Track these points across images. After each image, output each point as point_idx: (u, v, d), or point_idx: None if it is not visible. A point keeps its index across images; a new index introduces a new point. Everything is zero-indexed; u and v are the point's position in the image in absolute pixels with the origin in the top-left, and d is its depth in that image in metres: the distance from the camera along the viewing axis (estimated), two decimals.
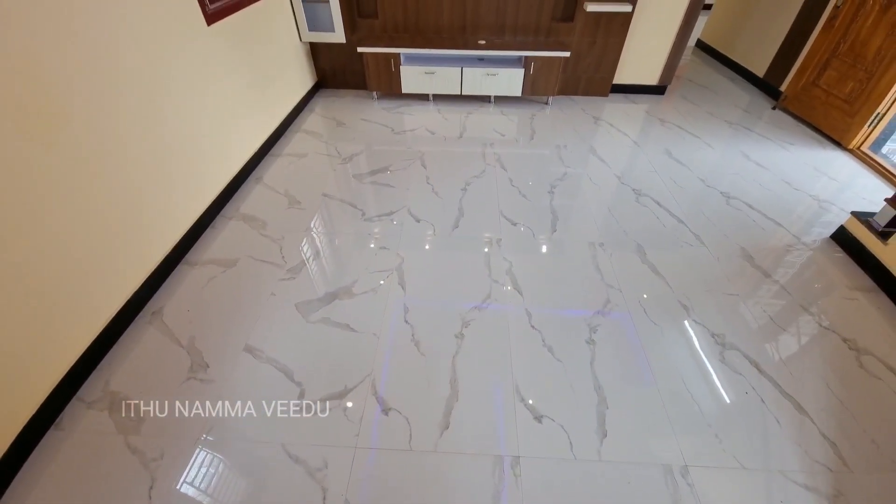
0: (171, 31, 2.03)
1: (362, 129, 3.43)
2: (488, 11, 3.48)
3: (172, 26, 2.04)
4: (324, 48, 3.75)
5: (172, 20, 2.03)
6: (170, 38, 2.02)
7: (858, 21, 3.05)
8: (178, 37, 2.08)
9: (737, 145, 3.25)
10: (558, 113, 3.71)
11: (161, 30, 1.96)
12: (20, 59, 1.34)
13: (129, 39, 1.78)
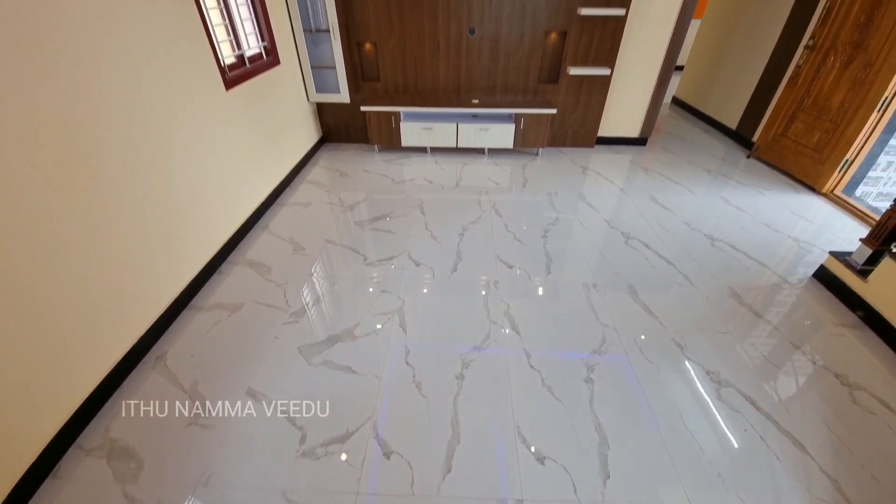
0: (194, 96, 2.24)
1: (364, 179, 3.63)
2: (480, 75, 3.82)
3: (195, 92, 2.25)
4: (329, 107, 4.06)
5: (196, 87, 2.25)
6: (192, 102, 2.23)
7: (820, 78, 3.38)
8: (199, 101, 2.29)
9: (717, 191, 3.45)
10: (548, 163, 3.95)
11: (185, 95, 2.17)
12: (56, 119, 1.49)
13: (156, 102, 1.97)
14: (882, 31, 2.88)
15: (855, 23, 3.07)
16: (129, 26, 1.80)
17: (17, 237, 1.36)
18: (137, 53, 1.84)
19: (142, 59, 1.86)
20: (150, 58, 1.91)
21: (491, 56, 3.71)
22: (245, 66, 2.77)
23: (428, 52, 3.71)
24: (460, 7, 3.45)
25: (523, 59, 3.70)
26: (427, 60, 3.75)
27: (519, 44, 3.63)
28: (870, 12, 2.96)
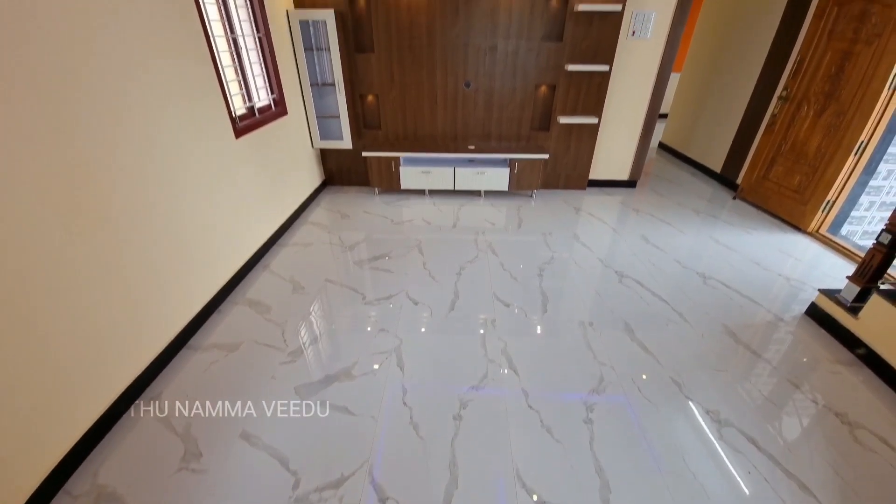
0: (206, 145, 2.38)
1: (364, 220, 3.74)
2: (476, 124, 4.06)
3: (207, 141, 2.39)
4: (332, 152, 4.26)
5: (208, 136, 2.40)
6: (204, 150, 2.36)
7: (796, 125, 3.59)
8: (210, 149, 2.42)
9: (706, 231, 3.56)
10: (542, 204, 4.09)
11: (197, 143, 2.30)
12: (75, 165, 1.59)
13: (170, 150, 2.09)
14: (853, 82, 3.10)
15: (826, 75, 3.30)
16: (152, 80, 1.95)
17: (30, 276, 1.41)
18: (156, 104, 1.98)
19: (160, 110, 2.01)
20: (167, 109, 2.05)
21: (486, 107, 3.96)
22: (255, 117, 2.95)
23: (426, 104, 3.96)
24: (457, 64, 3.74)
25: (516, 109, 3.95)
26: (426, 111, 4.00)
27: (511, 96, 3.88)
28: (840, 64, 3.19)
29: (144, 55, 1.89)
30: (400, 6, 3.50)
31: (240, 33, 2.76)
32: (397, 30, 3.60)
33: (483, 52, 3.68)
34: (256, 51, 3.02)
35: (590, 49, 3.62)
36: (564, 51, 3.62)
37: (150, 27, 1.93)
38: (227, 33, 2.62)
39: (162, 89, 2.01)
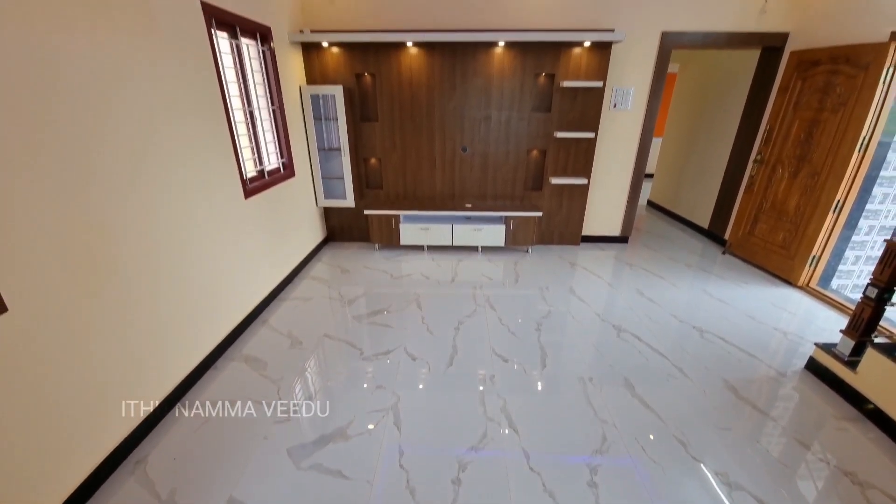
0: (217, 204, 2.52)
1: (364, 275, 3.81)
2: (473, 184, 4.29)
3: (218, 201, 2.53)
4: (335, 210, 4.44)
5: (219, 197, 2.54)
6: (214, 209, 2.49)
7: (773, 186, 3.81)
8: (221, 208, 2.56)
9: (699, 285, 3.63)
10: (538, 259, 4.20)
11: (209, 203, 2.44)
12: (89, 223, 1.69)
13: (181, 209, 2.21)
14: (822, 146, 3.33)
15: (796, 140, 3.57)
16: (172, 144, 2.12)
17: (38, 334, 1.44)
18: (173, 166, 2.13)
19: (175, 171, 2.15)
20: (182, 170, 2.21)
21: (481, 169, 4.22)
22: (264, 179, 3.14)
23: (426, 166, 4.22)
24: (454, 131, 4.05)
25: (510, 171, 4.21)
26: (425, 172, 4.25)
27: (505, 159, 4.16)
28: (808, 131, 3.45)
29: (166, 120, 2.08)
30: (402, 82, 3.87)
31: (256, 106, 3.03)
32: (400, 102, 3.95)
33: (478, 121, 4.01)
34: (270, 120, 3.29)
35: (576, 119, 3.95)
36: (553, 120, 3.95)
37: (173, 94, 2.14)
38: (244, 106, 2.88)
39: (180, 152, 2.18)
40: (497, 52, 3.74)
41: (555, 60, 3.74)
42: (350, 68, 3.84)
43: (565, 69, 3.76)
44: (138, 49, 1.87)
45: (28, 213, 1.40)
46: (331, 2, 3.72)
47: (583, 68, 3.75)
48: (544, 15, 3.69)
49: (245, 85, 2.88)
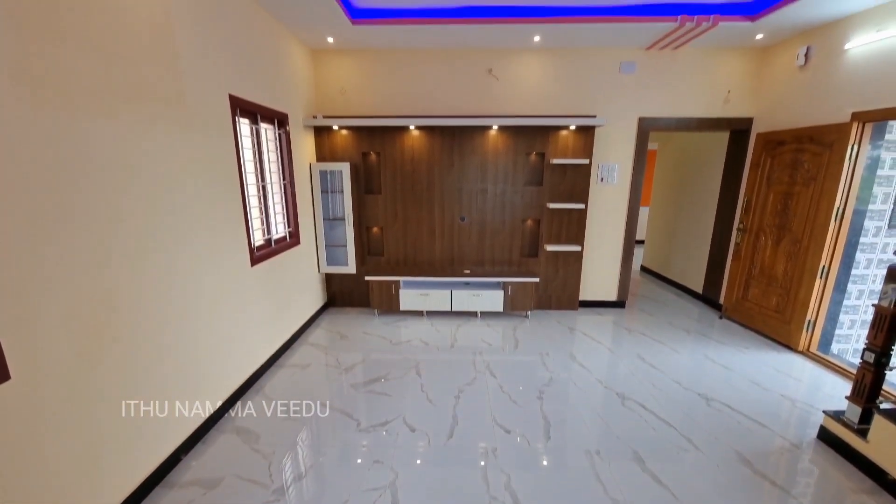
0: (224, 272, 2.61)
1: (363, 341, 3.78)
2: (471, 251, 4.45)
3: (226, 268, 2.63)
4: (336, 276, 4.53)
5: (227, 264, 2.64)
6: (220, 276, 2.58)
7: (759, 252, 3.97)
8: (227, 275, 2.64)
9: (700, 350, 3.61)
10: (537, 324, 4.20)
11: (216, 270, 2.53)
12: (99, 291, 1.75)
13: (188, 277, 2.29)
14: (800, 216, 3.53)
15: (773, 211, 3.80)
16: (187, 216, 2.26)
17: (36, 398, 1.43)
18: (187, 236, 2.26)
19: (189, 242, 2.27)
20: (195, 240, 2.33)
21: (479, 237, 4.40)
22: (271, 247, 3.28)
23: (426, 234, 4.41)
24: (453, 202, 4.31)
25: (506, 239, 4.40)
26: (425, 240, 4.43)
27: (502, 228, 4.37)
28: (784, 202, 3.69)
29: (186, 195, 2.25)
30: (405, 159, 4.21)
31: (269, 180, 3.27)
32: (402, 177, 4.25)
33: (475, 193, 4.28)
34: (281, 193, 3.52)
35: (566, 191, 4.23)
36: (545, 192, 4.23)
37: (196, 172, 2.33)
38: (258, 181, 3.11)
39: (194, 224, 2.32)
40: (491, 134, 4.13)
41: (544, 141, 4.12)
42: (357, 147, 4.20)
43: (554, 148, 4.13)
44: (170, 134, 2.10)
45: (46, 284, 1.48)
46: (342, 93, 4.18)
47: (570, 147, 4.12)
48: (533, 104, 4.15)
49: (261, 162, 3.14)
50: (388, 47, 4.01)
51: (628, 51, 4.01)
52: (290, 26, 3.43)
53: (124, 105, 1.80)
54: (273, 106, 3.24)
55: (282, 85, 3.42)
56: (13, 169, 1.36)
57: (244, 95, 2.78)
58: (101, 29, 1.69)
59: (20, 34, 1.37)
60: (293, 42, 3.63)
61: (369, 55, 4.09)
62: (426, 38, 3.76)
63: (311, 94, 4.11)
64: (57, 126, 1.50)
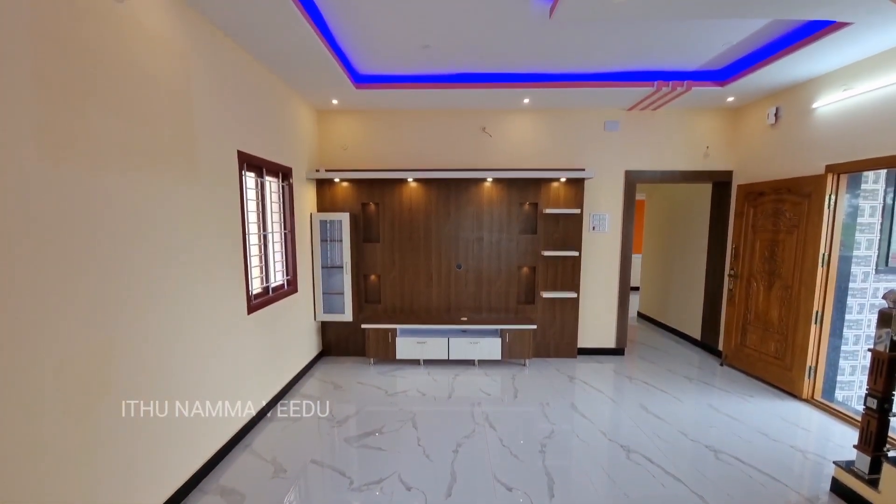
0: (219, 321, 2.60)
1: (357, 391, 3.67)
2: (468, 298, 4.47)
3: (222, 317, 2.62)
4: (332, 324, 4.49)
5: (224, 314, 2.64)
6: (215, 325, 2.56)
7: (752, 298, 4.02)
8: (224, 325, 2.63)
9: (704, 399, 3.53)
10: (536, 373, 4.12)
11: (212, 319, 2.53)
12: (97, 340, 1.74)
13: (185, 326, 2.29)
14: (787, 262, 3.63)
15: (761, 257, 3.90)
16: (189, 266, 2.30)
17: (15, 452, 1.38)
18: (188, 285, 2.28)
19: (188, 291, 2.29)
20: (195, 288, 2.35)
21: (476, 284, 4.45)
22: (268, 295, 3.29)
23: (423, 282, 4.45)
24: (449, 250, 4.40)
25: (503, 286, 4.44)
26: (422, 287, 4.46)
27: (498, 275, 4.43)
28: (771, 249, 3.80)
29: (189, 246, 2.30)
30: (403, 209, 4.36)
31: (270, 230, 3.36)
32: (400, 226, 4.38)
33: (471, 241, 4.39)
34: (281, 242, 3.59)
35: (560, 239, 4.35)
36: (539, 240, 4.35)
37: (201, 223, 2.40)
38: (259, 230, 3.19)
39: (195, 274, 2.35)
40: (486, 185, 4.32)
41: (536, 192, 4.31)
42: (357, 198, 4.36)
43: (546, 198, 4.30)
44: (177, 189, 2.20)
45: (48, 338, 1.48)
46: (344, 149, 4.42)
47: (562, 198, 4.30)
48: (525, 158, 4.39)
49: (263, 213, 3.24)
50: (388, 108, 4.30)
51: (612, 111, 4.33)
52: (297, 89, 3.70)
53: (138, 162, 1.91)
54: (278, 160, 3.41)
55: (287, 141, 3.62)
56: (24, 219, 1.42)
57: (251, 151, 2.95)
58: (126, 94, 1.83)
59: (51, 97, 1.50)
60: (300, 102, 3.90)
61: (371, 115, 4.38)
62: (424, 101, 4.05)
63: (315, 149, 4.34)
64: (76, 181, 1.59)
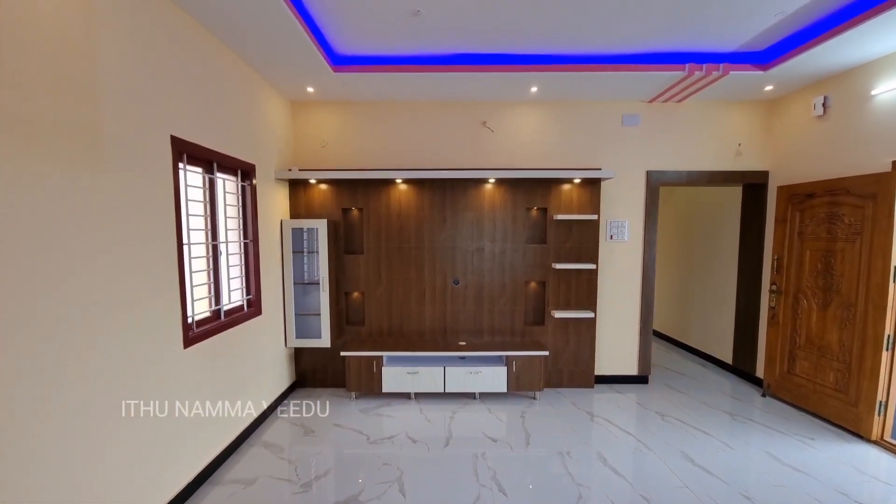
0: (141, 360, 1.94)
1: (333, 437, 2.99)
2: (466, 318, 3.83)
3: (146, 354, 1.97)
4: (308, 351, 3.82)
5: (147, 348, 1.99)
6: (134, 364, 1.91)
7: (801, 318, 3.40)
8: (146, 364, 1.97)
9: (757, 444, 2.90)
10: (548, 408, 3.47)
11: (128, 358, 1.87)
12: None
13: (88, 370, 1.63)
14: (849, 277, 3.02)
15: (813, 270, 3.29)
16: (82, 279, 1.66)
17: None
18: (79, 311, 1.63)
19: (81, 319, 1.64)
20: (94, 316, 1.70)
21: (476, 301, 3.82)
22: (219, 320, 2.63)
23: (414, 299, 3.81)
24: (445, 263, 3.78)
25: (507, 304, 3.81)
26: (413, 307, 3.82)
27: (502, 291, 3.80)
28: (825, 260, 3.19)
29: (82, 251, 1.66)
30: (391, 215, 3.74)
31: (224, 239, 2.72)
32: (387, 235, 3.75)
33: (471, 252, 3.77)
34: (240, 255, 2.95)
35: (573, 250, 3.75)
36: (550, 252, 3.74)
37: (109, 231, 1.77)
38: (208, 239, 2.55)
39: (97, 293, 1.71)
40: (487, 187, 3.73)
41: (546, 195, 3.72)
42: (337, 203, 3.74)
43: (557, 203, 3.72)
44: (72, 177, 1.57)
45: None
46: (323, 146, 3.82)
47: (575, 202, 3.71)
48: (531, 157, 3.81)
49: (214, 218, 2.61)
50: (373, 99, 3.72)
51: (630, 103, 3.79)
52: (264, 73, 3.11)
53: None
54: (236, 155, 2.80)
55: (250, 134, 3.01)
56: None
57: (194, 139, 2.33)
58: None
59: None
60: (268, 91, 3.30)
61: (353, 107, 3.79)
62: (415, 90, 3.47)
63: (289, 146, 3.73)
64: None
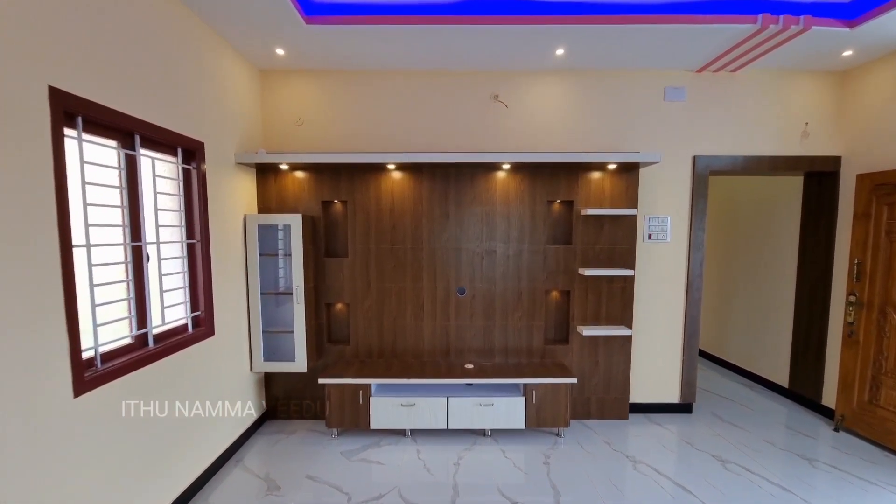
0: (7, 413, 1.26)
1: (304, 496, 2.31)
2: (474, 335, 3.16)
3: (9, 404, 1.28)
4: (280, 376, 3.13)
5: (8, 405, 1.30)
6: None
7: (889, 337, 2.74)
8: (17, 419, 1.29)
9: (847, 501, 2.23)
10: (577, 450, 2.79)
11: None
12: None
13: None
14: None
15: None
16: None
17: None
18: None
19: None
20: None
21: (485, 315, 3.14)
22: (146, 349, 1.95)
23: (410, 313, 3.13)
24: (448, 268, 3.10)
25: (524, 318, 3.13)
26: (408, 321, 3.14)
27: (517, 302, 3.12)
28: None
29: None
30: (382, 209, 3.06)
31: (152, 238, 2.03)
32: (377, 234, 3.07)
33: (479, 255, 3.10)
34: (182, 258, 2.27)
35: (605, 252, 3.08)
36: (576, 254, 3.07)
37: None
38: (126, 239, 1.87)
39: None
40: (500, 175, 3.05)
41: (571, 185, 3.04)
42: (316, 194, 3.05)
43: (586, 195, 3.04)
44: None
45: None
46: (300, 124, 3.13)
47: (607, 193, 3.04)
48: (552, 139, 3.13)
49: (136, 211, 1.92)
50: (359, 67, 3.03)
51: (674, 74, 3.11)
52: (216, 26, 2.42)
53: None
54: (175, 129, 2.11)
55: (198, 103, 2.33)
56: None
57: (100, 99, 1.64)
58: None
59: None
60: (226, 51, 2.62)
61: (335, 77, 3.10)
62: (409, 50, 2.78)
63: (257, 124, 3.05)
64: None
